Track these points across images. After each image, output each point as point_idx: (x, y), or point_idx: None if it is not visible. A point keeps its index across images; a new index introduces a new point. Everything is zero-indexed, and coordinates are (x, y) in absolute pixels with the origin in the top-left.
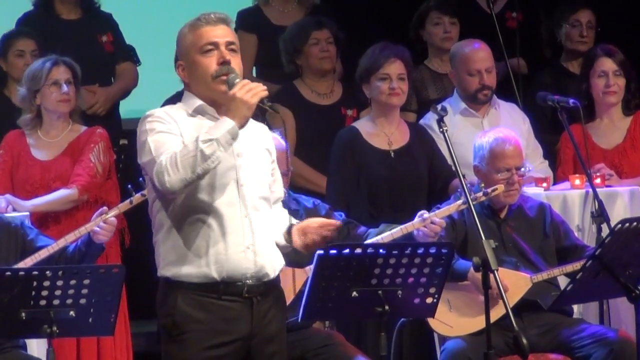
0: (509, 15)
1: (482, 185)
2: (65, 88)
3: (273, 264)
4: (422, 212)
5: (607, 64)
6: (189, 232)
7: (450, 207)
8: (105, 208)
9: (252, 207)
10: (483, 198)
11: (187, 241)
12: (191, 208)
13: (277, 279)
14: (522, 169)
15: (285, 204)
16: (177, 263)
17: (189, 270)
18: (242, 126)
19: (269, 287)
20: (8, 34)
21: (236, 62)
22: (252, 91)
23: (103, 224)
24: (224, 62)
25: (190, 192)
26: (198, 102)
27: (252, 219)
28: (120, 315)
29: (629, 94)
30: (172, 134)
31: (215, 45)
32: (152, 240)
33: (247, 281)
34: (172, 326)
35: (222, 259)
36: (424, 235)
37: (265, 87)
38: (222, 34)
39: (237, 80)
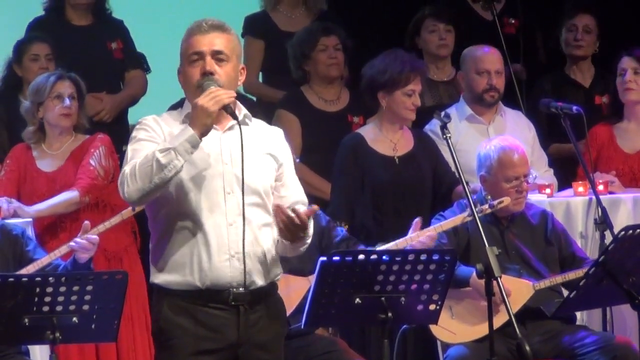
0: (506, 21)
1: (488, 197)
2: (67, 102)
3: (263, 273)
4: (416, 220)
5: (627, 62)
6: (174, 240)
7: (455, 219)
8: (87, 223)
9: (239, 214)
10: (489, 210)
11: (173, 249)
12: (177, 216)
13: (269, 288)
14: (529, 177)
15: None
16: (164, 271)
17: (174, 278)
18: (203, 134)
19: (259, 296)
20: (22, 40)
21: (224, 71)
22: (215, 99)
23: (80, 240)
24: (205, 73)
25: (177, 201)
26: (189, 109)
27: (239, 227)
28: (141, 318)
29: None
30: (151, 142)
31: (200, 55)
32: None
33: (233, 289)
34: (159, 332)
35: (205, 267)
36: (421, 246)
37: (231, 94)
38: (209, 43)
39: (211, 87)
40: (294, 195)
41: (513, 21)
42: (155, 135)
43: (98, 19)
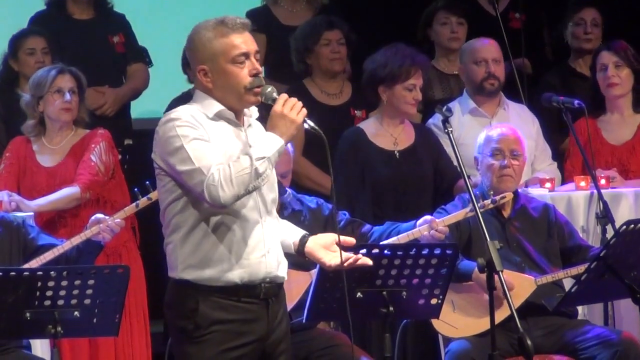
0: (512, 15)
1: (490, 192)
2: (68, 97)
3: (284, 266)
4: (427, 217)
5: (607, 57)
6: (211, 236)
7: (458, 215)
8: (103, 215)
9: (267, 211)
10: (491, 206)
11: (209, 245)
12: (214, 212)
13: (284, 280)
14: (518, 157)
15: (289, 205)
16: (198, 266)
17: (212, 274)
18: (287, 144)
19: (281, 289)
20: (18, 34)
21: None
22: (296, 109)
23: (111, 222)
24: (257, 74)
25: None
26: (218, 106)
27: (268, 222)
28: (139, 314)
29: (639, 85)
30: (206, 142)
31: (247, 55)
32: (164, 241)
33: (265, 284)
34: (194, 328)
35: (245, 264)
36: (428, 241)
37: (302, 104)
38: (251, 42)
39: (275, 94)
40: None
41: (519, 16)
42: (203, 132)
43: (100, 13)
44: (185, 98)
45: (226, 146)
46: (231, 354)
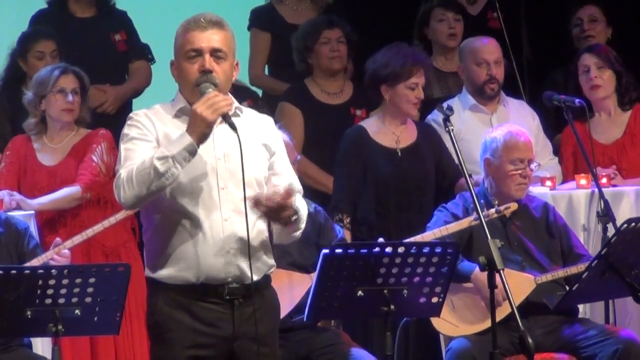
0: (490, 15)
1: (495, 202)
2: (70, 97)
3: (258, 267)
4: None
5: (588, 59)
6: (169, 235)
7: (462, 223)
8: (58, 239)
9: (234, 210)
10: (495, 215)
11: (168, 244)
12: (172, 211)
13: (263, 281)
14: (532, 165)
15: None
16: (158, 265)
17: (169, 273)
18: (200, 142)
19: (252, 290)
20: (27, 34)
21: (222, 69)
22: (213, 107)
23: (57, 256)
24: (204, 71)
25: (172, 195)
26: (182, 103)
27: (234, 222)
28: (140, 314)
29: (621, 87)
30: (144, 141)
31: (199, 52)
32: None
33: (228, 284)
34: (154, 326)
35: (200, 263)
36: None
37: (229, 102)
38: (208, 40)
39: (209, 91)
40: (285, 183)
41: (497, 15)
42: (147, 132)
43: (101, 11)
44: None
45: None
46: (194, 352)
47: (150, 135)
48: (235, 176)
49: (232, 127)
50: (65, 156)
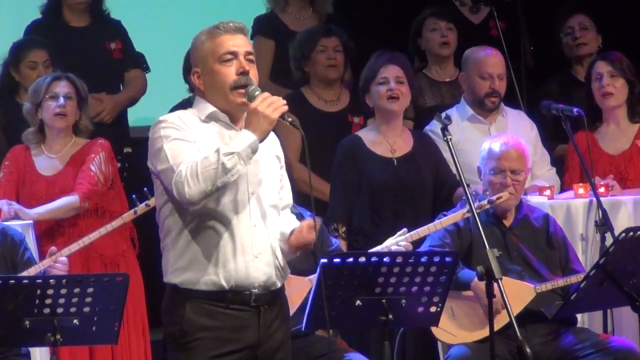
0: (492, 24)
1: (487, 192)
2: (61, 101)
3: (280, 273)
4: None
5: (602, 67)
6: (198, 239)
7: (456, 215)
8: (53, 248)
9: (261, 216)
10: (488, 206)
11: (197, 248)
12: (202, 215)
13: (282, 288)
14: (519, 174)
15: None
16: (185, 270)
17: (198, 277)
18: (262, 140)
19: (275, 296)
20: (19, 43)
21: (253, 73)
22: (273, 105)
23: (55, 264)
24: (243, 73)
25: None
26: (211, 108)
27: (261, 228)
28: (138, 323)
29: (634, 97)
30: (187, 141)
31: (235, 54)
32: (160, 246)
33: (255, 290)
34: (180, 334)
35: (231, 268)
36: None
37: (285, 102)
38: (242, 43)
39: (257, 92)
40: (287, 198)
41: (498, 24)
42: (187, 134)
43: (96, 20)
44: (185, 105)
45: (211, 147)
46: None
47: (190, 136)
48: (263, 182)
49: (294, 125)
50: (64, 166)
